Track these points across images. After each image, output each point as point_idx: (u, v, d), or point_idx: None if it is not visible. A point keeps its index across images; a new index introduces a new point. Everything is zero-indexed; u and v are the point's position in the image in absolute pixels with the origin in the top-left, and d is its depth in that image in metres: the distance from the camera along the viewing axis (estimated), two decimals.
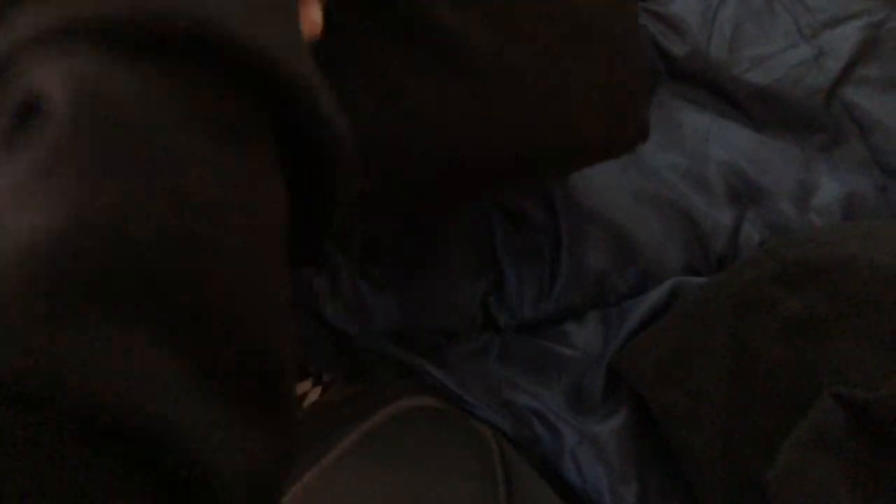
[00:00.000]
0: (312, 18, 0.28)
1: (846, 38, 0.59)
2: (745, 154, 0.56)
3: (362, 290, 0.51)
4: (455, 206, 0.49)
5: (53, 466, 0.15)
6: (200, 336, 0.18)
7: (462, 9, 0.34)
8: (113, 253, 0.16)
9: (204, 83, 0.19)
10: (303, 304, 0.50)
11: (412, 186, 0.37)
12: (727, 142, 0.56)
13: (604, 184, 0.53)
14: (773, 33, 0.60)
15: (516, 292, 0.51)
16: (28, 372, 0.15)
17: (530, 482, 0.44)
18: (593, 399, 0.48)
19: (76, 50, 0.18)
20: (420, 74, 0.34)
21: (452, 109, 0.35)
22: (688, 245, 0.52)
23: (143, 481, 0.16)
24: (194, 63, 0.19)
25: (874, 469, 0.39)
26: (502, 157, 0.37)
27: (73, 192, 0.16)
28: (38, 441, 0.15)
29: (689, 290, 0.50)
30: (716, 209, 0.54)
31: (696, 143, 0.56)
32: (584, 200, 0.52)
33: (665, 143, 0.56)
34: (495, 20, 0.35)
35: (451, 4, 0.33)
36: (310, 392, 0.49)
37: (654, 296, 0.50)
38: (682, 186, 0.54)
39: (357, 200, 0.23)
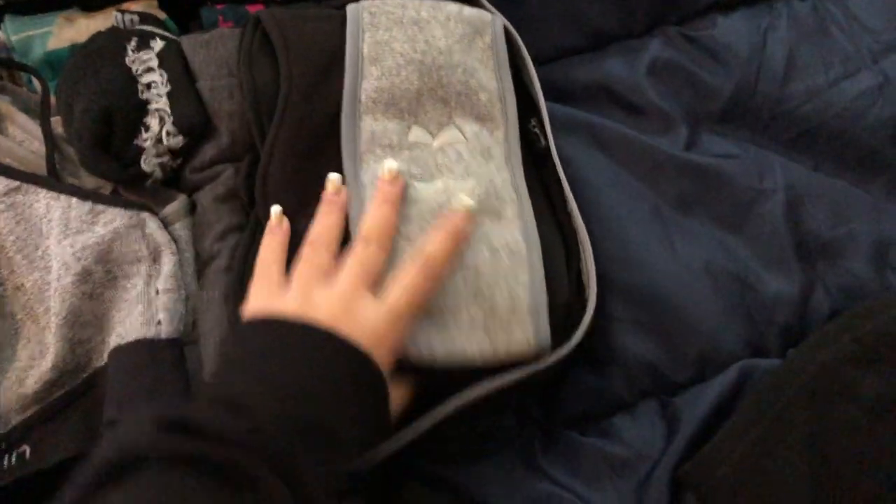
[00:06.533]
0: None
1: None
2: (807, 203, 0.49)
3: None
4: None
5: None
6: None
7: None
8: None
9: None
10: None
11: None
12: (782, 191, 0.49)
13: (645, 255, 0.46)
14: (830, 59, 0.53)
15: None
16: None
17: None
18: None
19: None
20: None
21: None
22: (748, 319, 0.46)
23: None
24: None
25: None
26: None
27: None
28: None
29: (758, 375, 0.44)
30: (779, 273, 0.47)
31: (747, 196, 0.49)
32: (622, 276, 0.45)
33: (710, 199, 0.49)
34: None
35: None
36: None
37: (720, 383, 0.44)
38: (736, 249, 0.48)
39: None
